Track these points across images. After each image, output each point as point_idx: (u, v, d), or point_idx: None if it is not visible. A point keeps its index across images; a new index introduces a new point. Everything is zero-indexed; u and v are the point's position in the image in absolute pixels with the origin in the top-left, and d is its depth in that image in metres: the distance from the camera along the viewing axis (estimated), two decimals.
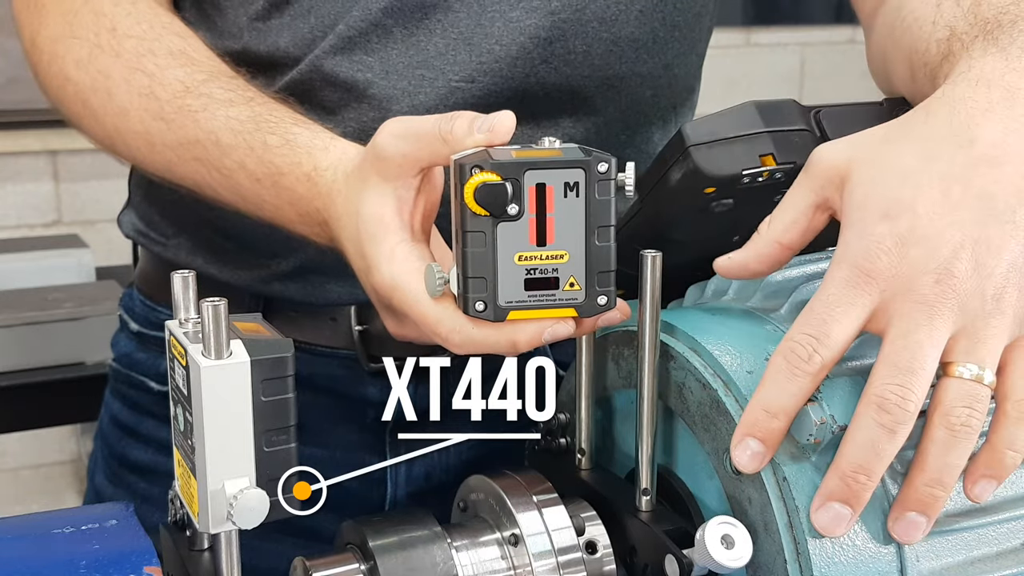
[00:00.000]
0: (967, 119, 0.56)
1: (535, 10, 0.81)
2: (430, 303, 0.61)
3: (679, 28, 0.88)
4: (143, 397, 0.97)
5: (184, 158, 0.78)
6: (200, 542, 0.61)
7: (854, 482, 0.54)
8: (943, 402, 0.54)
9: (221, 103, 0.76)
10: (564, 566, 0.62)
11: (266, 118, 0.75)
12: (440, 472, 0.92)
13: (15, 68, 2.39)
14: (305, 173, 0.71)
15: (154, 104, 0.78)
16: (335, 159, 0.71)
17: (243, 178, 0.75)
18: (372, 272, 0.64)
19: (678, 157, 0.64)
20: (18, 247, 2.33)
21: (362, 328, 0.88)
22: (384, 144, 0.64)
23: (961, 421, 0.53)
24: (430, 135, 0.62)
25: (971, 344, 0.54)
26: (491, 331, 0.59)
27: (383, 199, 0.64)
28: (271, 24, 0.83)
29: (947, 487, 0.54)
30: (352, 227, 0.67)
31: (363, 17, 0.81)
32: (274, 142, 0.73)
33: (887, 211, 0.54)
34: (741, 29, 3.48)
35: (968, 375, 0.53)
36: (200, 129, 0.76)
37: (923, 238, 0.53)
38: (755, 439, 0.55)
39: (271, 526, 0.56)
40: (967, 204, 0.54)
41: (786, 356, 0.55)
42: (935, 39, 0.65)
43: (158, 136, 0.79)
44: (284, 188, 0.73)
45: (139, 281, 1.00)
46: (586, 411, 0.67)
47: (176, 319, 0.58)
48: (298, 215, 0.73)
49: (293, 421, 0.56)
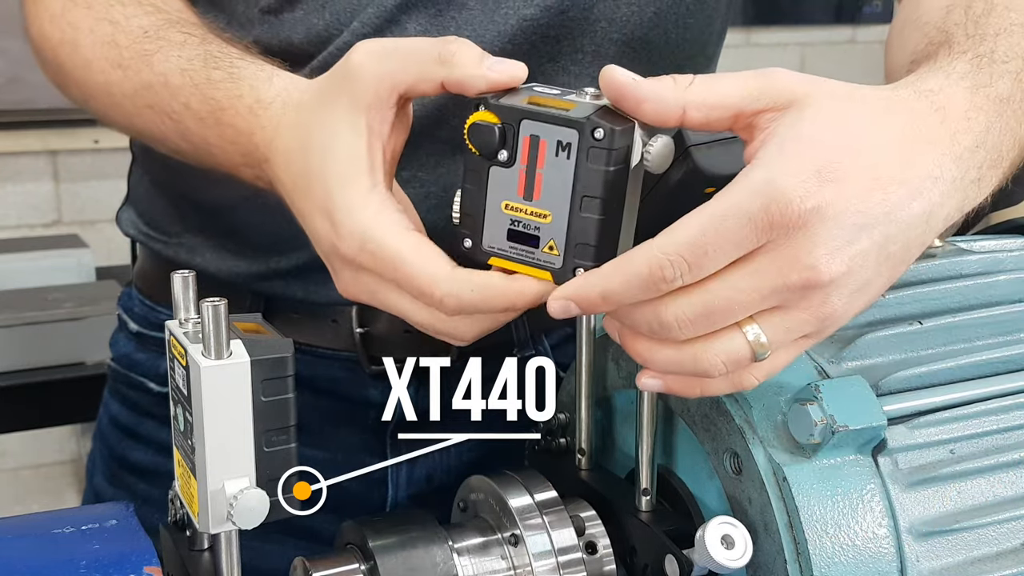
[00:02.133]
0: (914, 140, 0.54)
1: (548, 8, 0.81)
2: (421, 264, 0.56)
3: (690, 30, 0.88)
4: (143, 398, 0.96)
5: (139, 106, 0.74)
6: (200, 542, 0.61)
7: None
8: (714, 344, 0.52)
9: (175, 45, 0.72)
10: (564, 566, 0.62)
11: (214, 55, 0.70)
12: (441, 473, 0.92)
13: (15, 68, 2.39)
14: (247, 106, 0.66)
15: (114, 52, 0.76)
16: (279, 90, 0.65)
17: (189, 120, 0.70)
18: (336, 218, 0.58)
19: (678, 157, 0.64)
20: (18, 247, 2.33)
21: (363, 330, 0.88)
22: (360, 63, 0.58)
23: (710, 368, 0.52)
24: (422, 54, 0.57)
25: (780, 321, 0.52)
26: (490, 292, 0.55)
27: (355, 132, 0.58)
28: (284, 18, 0.82)
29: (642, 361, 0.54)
30: (302, 163, 0.61)
31: (378, 14, 0.80)
32: (217, 76, 0.69)
33: (822, 169, 0.51)
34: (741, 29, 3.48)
35: (751, 337, 0.52)
36: (153, 72, 0.72)
37: (832, 218, 0.51)
38: (574, 305, 0.53)
39: (271, 526, 0.56)
40: (874, 214, 0.52)
41: (651, 268, 0.51)
42: (928, 38, 0.65)
43: (117, 86, 0.76)
44: (226, 125, 0.67)
45: (138, 280, 1.00)
46: (586, 411, 0.67)
47: (176, 319, 0.58)
48: (241, 156, 0.68)
49: (293, 421, 0.56)
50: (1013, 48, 0.60)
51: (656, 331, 0.53)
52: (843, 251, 0.51)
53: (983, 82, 0.58)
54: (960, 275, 0.69)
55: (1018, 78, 0.59)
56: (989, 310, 0.66)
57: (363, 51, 0.58)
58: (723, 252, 0.51)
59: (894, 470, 0.58)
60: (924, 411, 0.60)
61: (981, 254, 0.71)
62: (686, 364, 0.53)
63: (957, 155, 0.55)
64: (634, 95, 0.53)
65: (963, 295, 0.67)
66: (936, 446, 0.60)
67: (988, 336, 0.65)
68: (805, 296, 0.52)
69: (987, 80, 0.58)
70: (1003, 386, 0.63)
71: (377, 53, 0.58)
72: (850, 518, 0.56)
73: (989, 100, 0.57)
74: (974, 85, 0.58)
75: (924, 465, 0.59)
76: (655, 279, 0.51)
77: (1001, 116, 0.57)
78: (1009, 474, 0.60)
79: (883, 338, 0.63)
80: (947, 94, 0.57)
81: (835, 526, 0.56)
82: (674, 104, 0.54)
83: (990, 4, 0.64)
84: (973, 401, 0.62)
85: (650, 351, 0.54)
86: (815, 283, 0.51)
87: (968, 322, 0.65)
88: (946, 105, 0.56)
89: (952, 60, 0.60)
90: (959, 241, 0.74)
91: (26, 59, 0.90)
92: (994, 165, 0.57)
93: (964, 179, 0.55)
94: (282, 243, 0.86)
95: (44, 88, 0.90)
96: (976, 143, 0.56)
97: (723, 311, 0.52)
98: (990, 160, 0.57)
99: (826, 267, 0.51)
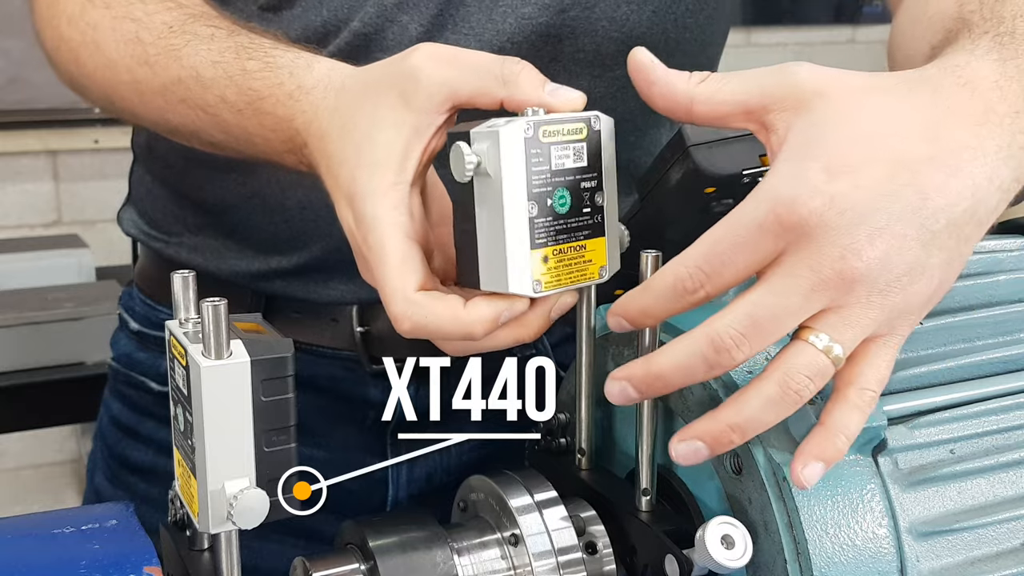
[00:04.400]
0: (942, 115, 0.54)
1: (546, 7, 0.81)
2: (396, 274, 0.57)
3: (690, 30, 0.88)
4: (143, 398, 0.96)
5: (171, 102, 0.74)
6: (200, 542, 0.61)
7: (657, 380, 0.54)
8: (787, 361, 0.53)
9: (203, 39, 0.72)
10: (564, 566, 0.62)
11: (246, 46, 0.70)
12: (442, 474, 0.92)
13: (15, 68, 2.40)
14: (287, 93, 0.66)
15: (139, 49, 0.75)
16: (321, 75, 0.65)
17: (226, 113, 0.70)
18: (356, 204, 0.59)
19: (678, 157, 0.64)
20: (18, 247, 2.34)
21: (363, 329, 0.88)
22: (420, 66, 0.58)
23: (797, 387, 0.52)
24: (484, 69, 0.58)
25: (838, 321, 0.52)
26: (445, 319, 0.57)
27: (399, 127, 0.59)
28: (282, 15, 0.82)
29: (744, 435, 0.54)
30: (337, 146, 0.61)
31: (378, 12, 0.80)
32: (253, 67, 0.68)
33: (829, 165, 0.51)
34: (741, 29, 3.49)
35: (820, 345, 0.52)
36: (182, 67, 0.72)
37: (850, 209, 0.51)
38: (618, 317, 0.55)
39: (271, 526, 0.56)
40: (905, 196, 0.51)
41: (675, 281, 0.53)
42: (945, 28, 0.65)
43: (145, 83, 0.75)
44: (265, 114, 0.67)
45: (139, 279, 1.00)
46: (586, 411, 0.67)
47: (176, 319, 0.58)
48: (283, 143, 0.67)
49: (293, 421, 0.56)
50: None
51: (713, 360, 0.52)
52: (874, 237, 0.51)
53: (1010, 55, 0.57)
54: (960, 275, 0.69)
55: None
56: (989, 310, 0.66)
57: (425, 54, 0.58)
58: (740, 259, 0.52)
59: (894, 470, 0.58)
60: (924, 411, 0.60)
61: (981, 254, 0.71)
62: (776, 398, 0.53)
63: (996, 123, 0.54)
64: (647, 76, 0.56)
65: (963, 295, 0.67)
66: (936, 446, 0.60)
67: (988, 336, 0.65)
68: (851, 290, 0.51)
69: (1013, 54, 0.57)
70: (1003, 386, 0.63)
71: (439, 59, 0.58)
72: (850, 518, 0.56)
73: (1020, 70, 0.56)
74: (1001, 58, 0.57)
75: (924, 465, 0.59)
76: (678, 290, 0.53)
77: None
78: (1009, 474, 0.60)
79: None
80: (973, 67, 0.56)
81: (835, 526, 0.56)
82: (683, 95, 0.55)
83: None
84: (973, 401, 0.62)
85: (739, 413, 0.53)
86: (851, 274, 0.51)
87: (968, 322, 0.65)
88: (973, 79, 0.55)
89: (974, 40, 0.59)
90: None
91: (26, 59, 0.90)
92: None
93: (1012, 145, 0.54)
94: (283, 243, 0.86)
95: (44, 88, 0.91)
96: (1015, 109, 0.55)
97: (769, 318, 0.51)
98: None
99: (855, 255, 0.51)
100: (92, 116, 2.68)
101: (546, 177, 0.57)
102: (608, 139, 0.59)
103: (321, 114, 0.63)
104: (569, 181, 0.57)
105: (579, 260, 0.58)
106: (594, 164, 0.58)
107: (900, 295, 0.52)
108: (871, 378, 0.54)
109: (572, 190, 0.57)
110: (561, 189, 0.57)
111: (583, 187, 0.57)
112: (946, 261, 0.53)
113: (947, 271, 0.54)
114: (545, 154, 0.56)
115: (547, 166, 0.56)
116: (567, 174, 0.57)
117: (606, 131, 0.59)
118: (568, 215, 0.57)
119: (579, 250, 0.58)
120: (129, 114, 0.81)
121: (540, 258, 0.57)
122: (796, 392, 0.52)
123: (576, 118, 0.58)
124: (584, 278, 0.59)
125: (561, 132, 0.57)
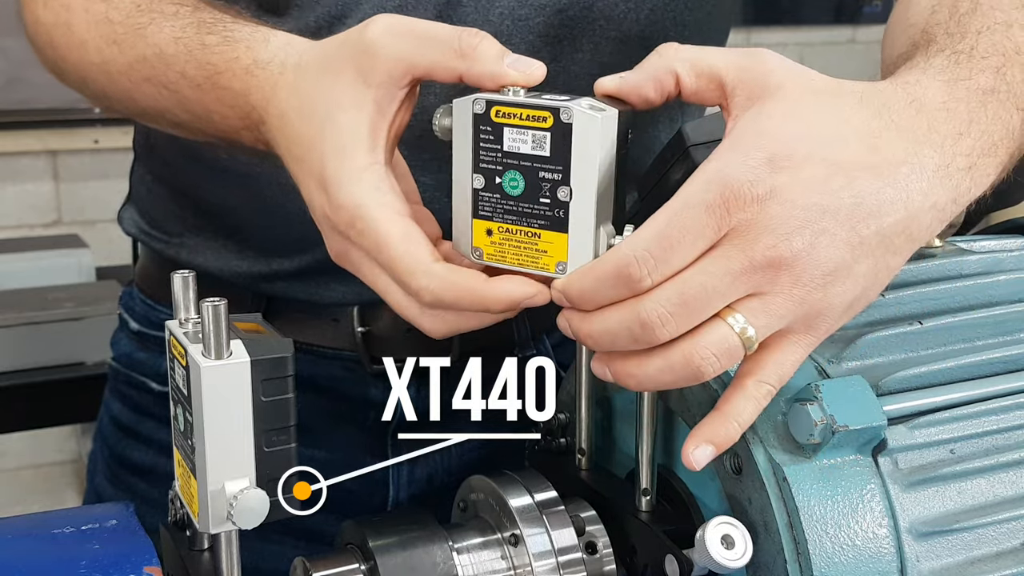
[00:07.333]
0: (885, 129, 0.55)
1: (544, 8, 0.81)
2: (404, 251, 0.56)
3: (689, 28, 0.88)
4: (143, 398, 0.96)
5: (136, 81, 0.73)
6: (200, 542, 0.61)
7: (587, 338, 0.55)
8: (700, 335, 0.53)
9: (168, 16, 0.71)
10: (564, 566, 0.62)
11: (207, 20, 0.69)
12: (442, 474, 0.92)
13: (15, 68, 2.40)
14: (244, 67, 0.64)
15: (108, 29, 0.75)
16: (276, 49, 0.64)
17: (187, 89, 0.69)
18: (330, 189, 0.58)
19: (678, 157, 0.64)
20: (18, 247, 2.34)
21: (364, 329, 0.88)
22: (377, 40, 0.57)
23: (700, 360, 0.53)
24: (442, 41, 0.57)
25: (758, 306, 0.53)
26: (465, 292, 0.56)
27: (360, 106, 0.57)
28: (281, 15, 0.82)
29: (637, 383, 0.55)
30: (299, 127, 0.60)
31: (376, 13, 0.80)
32: (212, 41, 0.67)
33: (774, 156, 0.52)
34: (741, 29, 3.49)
35: (736, 326, 0.53)
36: (147, 45, 0.71)
37: (788, 201, 0.52)
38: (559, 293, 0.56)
39: (271, 526, 0.56)
40: (839, 198, 0.53)
41: (619, 267, 0.53)
42: (911, 39, 0.66)
43: (112, 63, 0.75)
44: (223, 88, 0.66)
45: (139, 279, 1.00)
46: (586, 411, 0.67)
47: (176, 319, 0.58)
48: (239, 119, 0.66)
49: (293, 421, 0.56)
50: (995, 45, 0.61)
51: (639, 336, 0.53)
52: (804, 230, 0.52)
53: (962, 76, 0.58)
54: (960, 275, 0.69)
55: (1000, 72, 0.59)
56: (989, 310, 0.66)
57: (381, 26, 0.58)
58: (688, 243, 0.52)
59: (894, 470, 0.58)
60: (924, 411, 0.60)
61: (981, 254, 0.71)
62: (678, 367, 0.53)
63: (936, 143, 0.55)
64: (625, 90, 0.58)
65: (963, 295, 0.67)
66: (936, 446, 0.60)
67: (988, 336, 0.65)
68: (776, 278, 0.52)
69: (966, 74, 0.58)
70: (1003, 386, 0.63)
71: (396, 32, 0.57)
72: (850, 518, 0.56)
73: (970, 92, 0.58)
74: (952, 78, 0.58)
75: (924, 465, 0.59)
76: (623, 276, 0.52)
77: (985, 106, 0.58)
78: (1009, 474, 0.60)
79: (883, 338, 0.63)
80: (923, 86, 0.57)
81: (835, 526, 0.56)
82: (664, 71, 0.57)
83: (975, 3, 0.65)
84: (973, 401, 0.62)
85: (640, 366, 0.54)
86: (779, 261, 0.52)
87: (968, 322, 0.65)
88: (921, 97, 0.56)
89: (930, 57, 0.60)
90: (959, 241, 0.74)
91: (26, 59, 0.90)
92: (987, 153, 0.57)
93: (951, 167, 0.55)
94: (284, 246, 0.86)
95: (44, 88, 0.91)
96: (958, 131, 0.56)
97: (699, 299, 0.52)
98: (980, 148, 0.57)
99: (786, 244, 0.52)
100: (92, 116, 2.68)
101: (496, 156, 0.57)
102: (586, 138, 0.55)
103: (279, 91, 0.62)
104: (524, 166, 0.57)
105: (530, 247, 0.57)
106: (559, 157, 0.56)
107: (821, 292, 0.53)
108: (772, 373, 0.55)
109: (526, 175, 0.57)
110: (513, 171, 0.57)
111: (541, 176, 0.56)
112: (872, 270, 0.54)
113: (872, 280, 0.55)
114: (497, 133, 0.56)
115: (498, 145, 0.57)
116: (522, 159, 0.56)
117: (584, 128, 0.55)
118: (520, 199, 0.57)
119: (531, 236, 0.57)
120: (100, 96, 0.80)
121: (483, 229, 0.58)
122: (699, 365, 0.53)
123: (543, 106, 0.55)
124: (536, 266, 0.58)
125: (518, 116, 0.56)
